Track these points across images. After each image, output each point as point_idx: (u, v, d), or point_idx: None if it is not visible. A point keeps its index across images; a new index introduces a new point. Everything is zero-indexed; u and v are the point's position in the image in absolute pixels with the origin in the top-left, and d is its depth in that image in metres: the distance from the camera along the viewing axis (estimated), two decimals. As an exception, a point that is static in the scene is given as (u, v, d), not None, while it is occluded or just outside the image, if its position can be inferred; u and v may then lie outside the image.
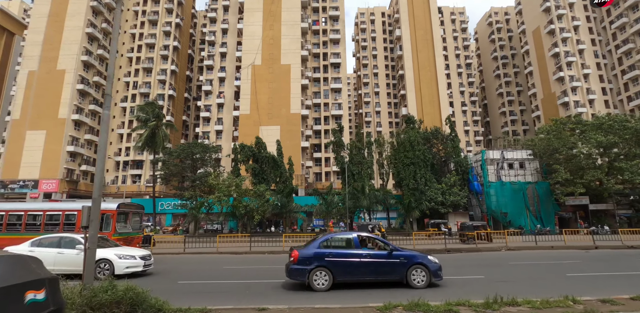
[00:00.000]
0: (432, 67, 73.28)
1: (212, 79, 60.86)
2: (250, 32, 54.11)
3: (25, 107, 52.18)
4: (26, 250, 10.54)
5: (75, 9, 55.42)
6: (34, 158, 50.15)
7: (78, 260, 10.14)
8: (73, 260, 10.53)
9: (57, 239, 11.28)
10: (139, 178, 58.24)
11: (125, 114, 60.77)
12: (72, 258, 10.60)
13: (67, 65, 53.40)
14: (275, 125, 50.44)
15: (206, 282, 10.19)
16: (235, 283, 10.04)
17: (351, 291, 8.62)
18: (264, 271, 12.07)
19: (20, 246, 11.00)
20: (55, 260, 10.53)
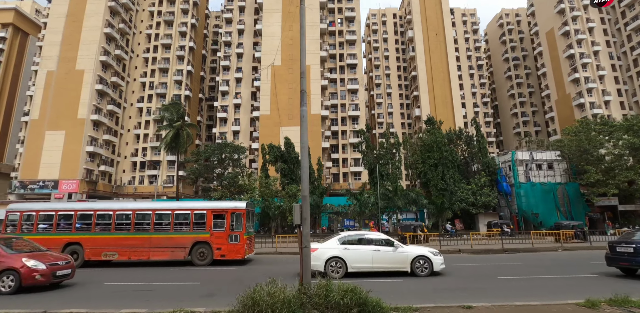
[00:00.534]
0: (445, 69, 73.47)
1: (229, 80, 60.83)
2: (270, 32, 54.14)
3: (44, 108, 52.01)
4: (339, 248, 10.91)
5: (94, 9, 55.33)
6: (54, 158, 49.96)
7: (397, 257, 10.90)
8: (392, 257, 10.94)
9: (357, 237, 11.58)
10: (156, 178, 58.06)
11: (142, 115, 60.65)
12: (391, 256, 10.94)
13: (85, 65, 53.28)
14: (295, 126, 50.25)
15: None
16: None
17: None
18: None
19: (327, 243, 11.20)
20: (374, 257, 10.87)
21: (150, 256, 14.19)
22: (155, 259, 14.34)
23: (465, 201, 33.63)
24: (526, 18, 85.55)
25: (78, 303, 7.57)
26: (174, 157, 57.82)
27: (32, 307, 7.14)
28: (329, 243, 11.18)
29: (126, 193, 56.70)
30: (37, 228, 14.70)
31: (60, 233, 14.50)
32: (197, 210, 14.76)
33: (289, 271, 11.88)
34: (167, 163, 58.45)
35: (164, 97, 60.85)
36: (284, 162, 36.11)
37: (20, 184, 48.92)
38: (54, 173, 49.53)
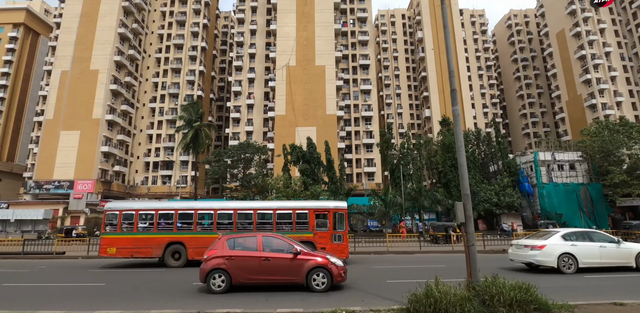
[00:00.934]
0: (455, 69, 73.39)
1: (241, 80, 60.77)
2: (284, 33, 54.14)
3: (58, 108, 51.91)
4: (567, 244, 11.32)
5: (107, 9, 55.27)
6: (69, 158, 49.85)
7: (622, 253, 11.32)
8: (617, 253, 11.33)
9: (581, 233, 11.99)
10: (169, 178, 57.99)
11: (154, 115, 60.59)
12: (616, 252, 11.34)
13: (100, 65, 53.21)
14: (311, 126, 50.44)
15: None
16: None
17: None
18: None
19: (551, 240, 11.49)
20: (601, 253, 11.26)
21: None
22: None
23: (488, 202, 33.64)
24: (535, 19, 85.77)
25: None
26: (187, 157, 57.95)
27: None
28: (552, 239, 11.53)
29: (139, 193, 56.61)
30: (138, 228, 14.66)
31: (161, 233, 14.48)
32: (299, 210, 14.68)
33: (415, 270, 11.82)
34: (181, 163, 58.34)
35: (177, 98, 60.82)
36: (306, 162, 36.07)
37: (36, 185, 48.79)
38: (69, 173, 49.41)
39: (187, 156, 58.32)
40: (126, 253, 14.18)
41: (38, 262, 16.40)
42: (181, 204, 16.92)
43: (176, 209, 14.89)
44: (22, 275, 12.69)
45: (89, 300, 8.13)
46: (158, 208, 15.06)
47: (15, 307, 7.14)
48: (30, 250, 18.78)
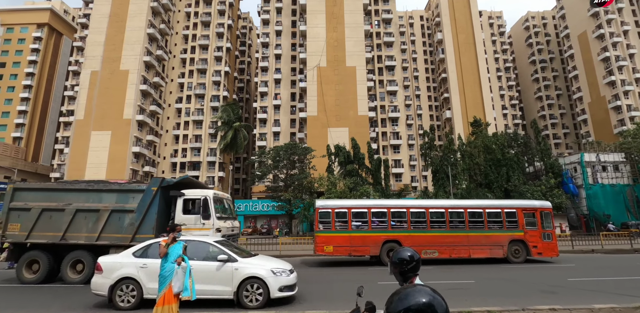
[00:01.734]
0: (475, 71, 73.76)
1: (267, 81, 60.74)
2: (314, 34, 54.20)
3: (88, 108, 51.82)
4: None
5: (136, 10, 55.27)
6: (100, 158, 49.74)
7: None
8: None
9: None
10: (196, 179, 57.77)
11: (180, 116, 60.52)
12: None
13: (130, 65, 53.16)
14: (343, 127, 50.48)
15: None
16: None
17: None
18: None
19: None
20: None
21: (470, 254, 14.16)
22: (475, 257, 14.25)
23: (536, 203, 33.62)
24: (552, 21, 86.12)
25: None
26: (214, 158, 57.92)
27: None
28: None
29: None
30: (352, 226, 14.56)
31: (376, 231, 14.41)
32: (508, 208, 14.78)
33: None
34: (207, 164, 58.26)
35: (202, 98, 60.80)
36: (350, 163, 36.06)
37: (68, 185, 48.54)
38: (100, 174, 49.24)
39: (214, 157, 58.31)
40: (343, 251, 14.18)
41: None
42: (392, 202, 16.92)
43: (389, 207, 14.93)
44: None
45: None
46: (370, 205, 15.04)
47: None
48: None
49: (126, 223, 10.51)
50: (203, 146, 58.40)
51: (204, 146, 58.49)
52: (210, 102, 60.00)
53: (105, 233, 10.53)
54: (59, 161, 59.10)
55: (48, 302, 8.31)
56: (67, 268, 10.51)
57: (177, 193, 11.27)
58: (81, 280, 10.26)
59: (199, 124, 59.71)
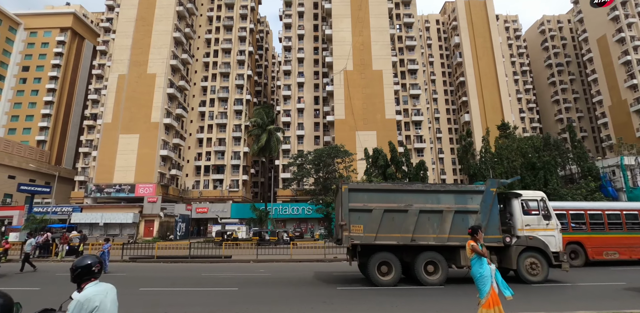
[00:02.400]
0: (493, 74, 74.04)
1: (290, 84, 60.93)
2: (340, 38, 54.43)
3: (116, 111, 51.98)
4: None
5: (163, 14, 55.59)
6: (128, 161, 49.80)
7: None
8: None
9: None
10: (220, 182, 57.87)
11: (204, 119, 60.65)
12: None
13: (157, 69, 53.39)
14: (371, 130, 50.57)
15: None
16: None
17: None
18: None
19: None
20: None
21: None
22: None
23: (577, 206, 33.56)
24: (568, 24, 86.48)
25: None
26: (238, 161, 58.00)
27: None
28: None
29: (191, 197, 56.46)
30: None
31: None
32: None
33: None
34: (231, 167, 58.28)
35: (226, 102, 60.96)
36: (388, 166, 36.05)
37: (97, 188, 48.63)
38: (129, 177, 49.31)
39: (237, 160, 58.38)
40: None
41: (225, 266, 16.17)
42: (569, 204, 17.48)
43: (567, 209, 15.35)
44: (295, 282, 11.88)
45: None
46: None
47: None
48: (197, 254, 18.62)
49: (471, 223, 10.46)
50: (227, 149, 58.46)
51: (228, 149, 58.55)
52: (234, 106, 60.15)
53: (453, 234, 10.50)
54: (83, 164, 59.18)
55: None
56: (421, 270, 10.55)
57: (514, 193, 11.61)
58: (440, 282, 10.39)
59: (223, 128, 59.80)
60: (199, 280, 12.13)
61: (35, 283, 11.71)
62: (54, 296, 7.51)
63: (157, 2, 56.20)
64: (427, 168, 36.89)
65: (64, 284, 9.92)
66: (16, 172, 53.64)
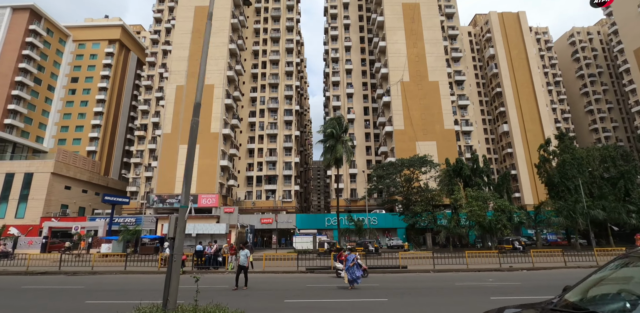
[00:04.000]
0: (529, 85, 74.81)
1: (339, 95, 61.52)
2: (395, 49, 55.19)
3: (175, 122, 52.23)
4: None
5: (219, 26, 56.37)
6: (189, 172, 49.68)
7: None
8: None
9: None
10: (272, 193, 57.80)
11: (254, 130, 60.93)
12: None
13: (215, 80, 53.91)
14: (431, 141, 50.86)
15: None
16: None
17: None
18: None
19: None
20: None
21: None
22: None
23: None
24: (598, 36, 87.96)
25: None
26: (290, 171, 58.04)
27: None
28: None
29: (245, 207, 56.26)
30: None
31: None
32: None
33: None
34: (283, 177, 58.29)
35: (275, 112, 61.36)
36: (472, 176, 36.20)
37: (159, 199, 48.51)
38: (190, 187, 49.09)
39: (289, 170, 58.44)
40: None
41: (425, 276, 16.10)
42: None
43: None
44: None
45: None
46: None
47: None
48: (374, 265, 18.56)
49: None
50: (278, 160, 58.57)
51: (279, 160, 58.67)
52: (284, 117, 60.53)
53: None
54: (134, 174, 59.14)
55: None
56: None
57: None
58: None
59: (273, 138, 60.08)
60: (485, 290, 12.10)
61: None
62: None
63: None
64: (509, 179, 36.98)
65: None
66: (71, 182, 53.57)
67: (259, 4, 67.12)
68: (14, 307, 9.63)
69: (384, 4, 57.68)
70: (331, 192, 58.78)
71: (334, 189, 58.06)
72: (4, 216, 48.58)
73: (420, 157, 38.01)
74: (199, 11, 57.46)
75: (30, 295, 11.71)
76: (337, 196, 38.19)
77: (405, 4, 57.36)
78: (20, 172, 50.05)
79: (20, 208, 49.01)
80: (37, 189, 49.31)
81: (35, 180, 49.56)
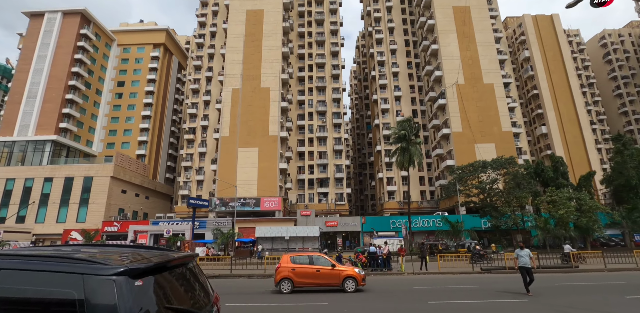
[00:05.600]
0: (566, 87, 75.16)
1: (387, 98, 61.76)
2: (448, 52, 55.48)
3: (233, 125, 52.34)
4: None
5: (271, 30, 56.68)
6: (249, 175, 49.84)
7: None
8: None
9: None
10: (324, 196, 57.81)
11: (303, 132, 61.03)
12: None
13: (270, 83, 54.09)
14: (489, 143, 50.99)
15: None
16: None
17: None
18: None
19: None
20: None
21: None
22: None
23: None
24: (629, 38, 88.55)
25: None
26: (342, 174, 58.08)
27: None
28: None
29: (298, 210, 56.15)
30: None
31: None
32: None
33: None
34: (335, 180, 58.31)
35: (324, 115, 61.52)
36: (555, 178, 36.27)
37: (221, 202, 48.47)
38: (251, 191, 49.22)
39: (340, 173, 58.48)
40: None
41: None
42: None
43: None
44: None
45: None
46: None
47: None
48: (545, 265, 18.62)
49: None
50: (329, 163, 58.65)
51: (330, 163, 58.74)
52: (332, 119, 60.67)
53: None
54: (184, 178, 59.11)
55: None
56: None
57: None
58: None
59: (322, 141, 60.19)
60: None
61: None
62: None
63: (264, 18, 57.38)
64: (592, 180, 37.09)
65: None
66: (126, 186, 53.57)
67: (301, 7, 67.50)
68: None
69: (434, 7, 58.05)
70: (378, 194, 58.76)
71: (386, 191, 58.20)
72: (64, 220, 48.54)
73: (506, 158, 38.07)
74: (251, 15, 57.75)
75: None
76: (407, 199, 38.28)
77: (456, 7, 57.73)
78: (80, 176, 50.05)
79: (81, 212, 48.97)
80: (97, 193, 49.29)
81: (95, 184, 49.55)
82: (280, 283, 12.35)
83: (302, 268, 12.41)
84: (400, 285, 14.20)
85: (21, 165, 51.90)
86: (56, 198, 49.06)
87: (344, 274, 12.31)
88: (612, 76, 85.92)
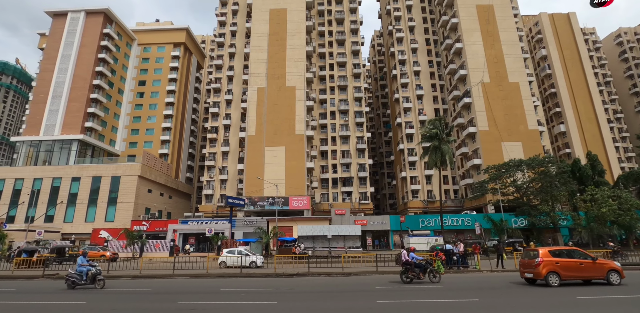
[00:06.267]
0: (584, 85, 75.08)
1: (409, 97, 61.76)
2: (473, 51, 55.45)
3: (259, 124, 52.41)
4: None
5: (295, 29, 56.72)
6: (277, 174, 49.90)
7: None
8: None
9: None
10: (348, 195, 57.87)
11: (325, 131, 61.04)
12: None
13: (295, 82, 54.15)
14: (516, 141, 50.99)
15: None
16: None
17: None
18: None
19: None
20: None
21: None
22: None
23: None
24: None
25: None
26: (365, 173, 58.12)
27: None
28: None
29: (322, 209, 56.26)
30: None
31: None
32: None
33: None
34: (359, 179, 58.35)
35: (346, 114, 61.48)
36: (592, 176, 36.29)
37: (250, 201, 48.52)
38: (279, 190, 49.23)
39: (363, 172, 58.50)
40: None
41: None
42: None
43: None
44: None
45: None
46: None
47: None
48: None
49: None
50: (352, 162, 58.67)
51: (353, 162, 58.76)
52: (355, 118, 60.66)
53: None
54: (208, 177, 59.21)
55: None
56: None
57: None
58: None
59: (345, 140, 60.20)
60: None
61: None
62: None
63: (287, 17, 57.40)
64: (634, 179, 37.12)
65: None
66: (152, 185, 53.70)
67: (321, 6, 67.43)
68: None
69: (457, 6, 58.01)
70: (401, 193, 58.77)
71: (410, 190, 58.22)
72: (93, 219, 48.68)
73: (544, 157, 38.09)
74: (274, 14, 57.77)
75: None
76: (440, 198, 38.32)
77: (480, 6, 57.69)
78: (107, 175, 50.17)
79: (110, 212, 49.09)
80: (125, 192, 49.41)
81: (122, 183, 49.67)
82: (548, 276, 12.83)
83: (566, 261, 13.07)
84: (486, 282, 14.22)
85: (48, 165, 52.04)
86: (84, 198, 49.20)
87: (607, 267, 13.01)
88: (629, 74, 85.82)
